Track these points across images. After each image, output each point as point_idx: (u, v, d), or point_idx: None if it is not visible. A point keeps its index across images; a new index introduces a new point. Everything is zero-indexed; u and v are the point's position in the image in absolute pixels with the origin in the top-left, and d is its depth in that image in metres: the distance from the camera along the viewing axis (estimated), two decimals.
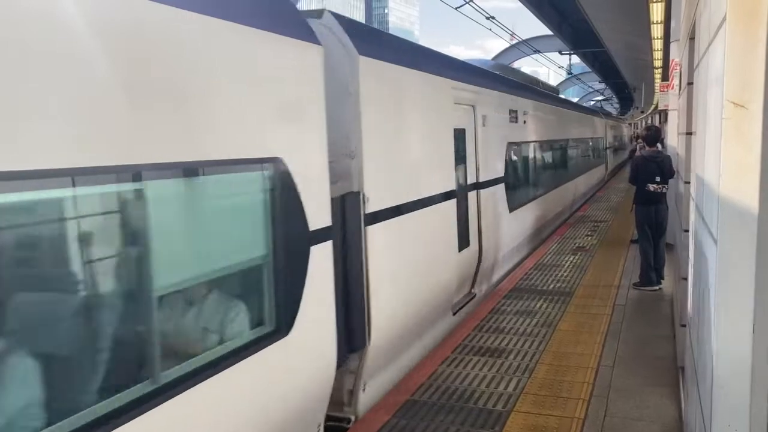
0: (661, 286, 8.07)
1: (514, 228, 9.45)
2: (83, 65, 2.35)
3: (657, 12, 13.92)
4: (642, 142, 10.18)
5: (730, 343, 2.02)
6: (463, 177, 7.20)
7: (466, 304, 7.22)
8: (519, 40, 30.99)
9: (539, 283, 8.35)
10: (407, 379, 5.25)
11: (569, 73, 39.07)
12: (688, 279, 4.06)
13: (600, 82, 50.70)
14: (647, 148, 8.48)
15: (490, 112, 8.20)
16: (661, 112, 20.95)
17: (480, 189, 7.67)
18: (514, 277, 8.80)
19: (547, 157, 13.20)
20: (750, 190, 1.88)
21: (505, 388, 4.97)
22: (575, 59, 38.44)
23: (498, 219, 8.48)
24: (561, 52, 32.83)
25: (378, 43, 5.51)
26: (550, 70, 47.60)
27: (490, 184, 8.12)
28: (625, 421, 4.43)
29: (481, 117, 7.73)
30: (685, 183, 5.05)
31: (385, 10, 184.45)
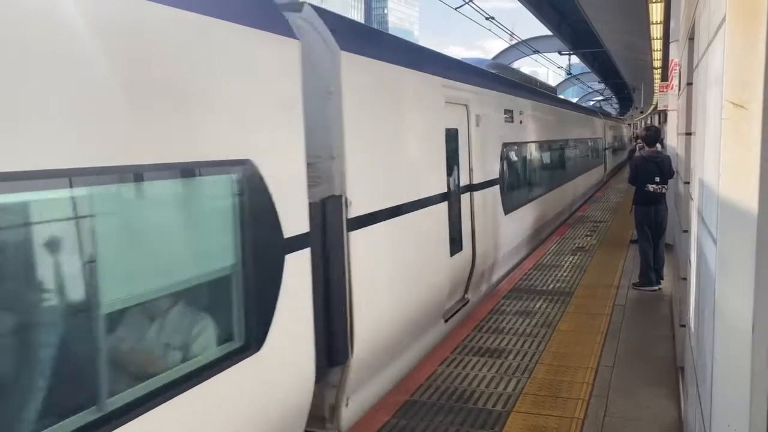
0: (661, 287, 8.08)
1: (510, 231, 9.21)
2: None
3: (656, 12, 13.95)
4: (641, 142, 10.17)
5: (730, 343, 2.02)
6: (456, 179, 6.98)
7: (458, 311, 6.99)
8: (518, 40, 31.03)
9: (539, 284, 8.36)
10: (407, 379, 5.24)
11: (569, 73, 39.15)
12: (688, 279, 4.06)
13: (599, 82, 50.79)
14: (646, 149, 8.49)
15: (485, 111, 7.99)
16: (661, 112, 20.98)
17: (474, 191, 7.46)
18: (514, 277, 8.80)
19: (544, 158, 12.94)
20: (749, 191, 1.87)
21: (505, 389, 4.97)
22: (575, 59, 38.54)
23: (493, 222, 8.28)
24: (560, 53, 32.89)
25: (362, 38, 5.27)
26: (549, 70, 47.61)
27: (485, 186, 7.90)
28: (625, 421, 4.43)
29: (475, 117, 7.52)
30: (685, 183, 5.06)
31: (385, 11, 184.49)
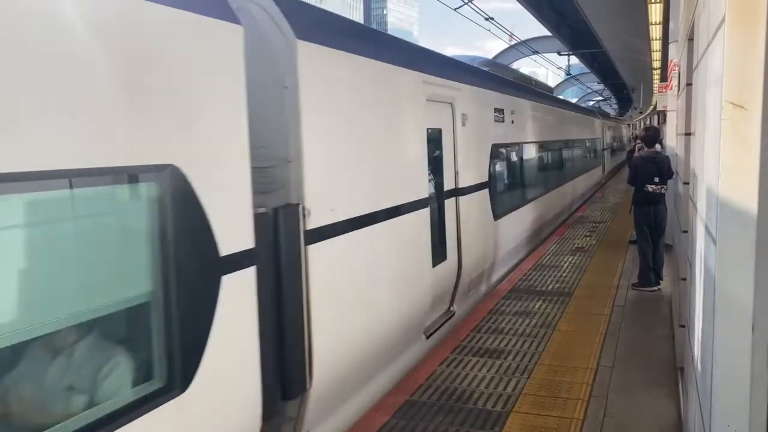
0: (660, 287, 8.09)
1: (500, 237, 8.68)
2: None
3: (655, 13, 13.96)
4: (640, 142, 10.17)
5: (729, 343, 2.02)
6: (439, 183, 6.53)
7: (442, 325, 6.45)
8: (518, 41, 31.10)
9: (538, 284, 8.35)
10: (407, 379, 5.25)
11: (568, 73, 39.25)
12: (688, 279, 4.06)
13: (599, 82, 50.91)
14: (646, 149, 8.49)
15: (472, 110, 7.41)
16: (660, 112, 20.98)
17: (459, 196, 6.96)
18: (513, 278, 8.80)
19: (538, 160, 12.40)
20: (749, 191, 1.88)
21: (505, 389, 4.97)
22: (574, 60, 38.67)
23: (481, 228, 7.79)
24: (560, 53, 32.97)
25: (325, 26, 4.73)
26: (548, 70, 47.67)
27: (472, 190, 7.37)
28: (625, 422, 4.43)
29: (461, 116, 7.01)
30: (684, 183, 5.06)
31: (384, 11, 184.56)
